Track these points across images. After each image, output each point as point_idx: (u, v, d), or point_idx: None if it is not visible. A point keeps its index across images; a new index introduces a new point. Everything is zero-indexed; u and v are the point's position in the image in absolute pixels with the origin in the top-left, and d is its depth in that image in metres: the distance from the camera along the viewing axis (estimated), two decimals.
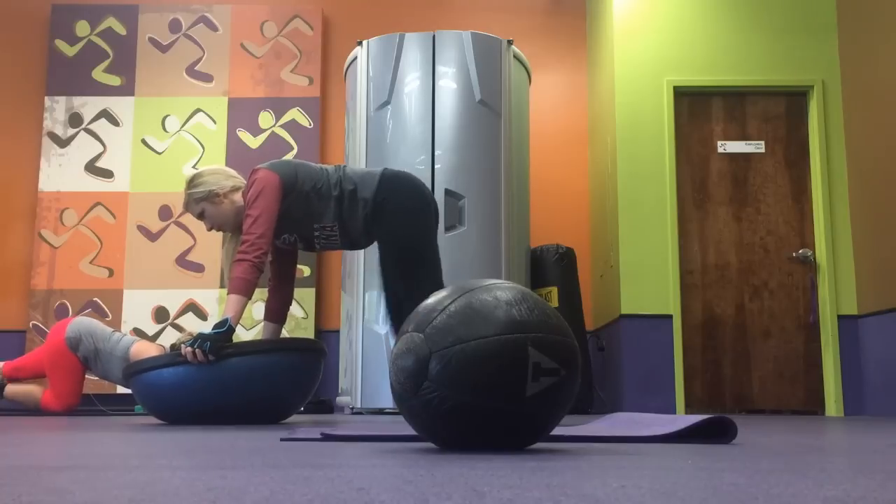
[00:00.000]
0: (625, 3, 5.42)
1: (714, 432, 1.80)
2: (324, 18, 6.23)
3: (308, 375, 2.97)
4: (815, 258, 5.19)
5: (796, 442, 1.81)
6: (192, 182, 3.14)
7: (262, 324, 3.33)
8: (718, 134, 5.36)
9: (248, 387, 2.81)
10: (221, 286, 5.78)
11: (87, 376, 4.36)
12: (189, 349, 2.78)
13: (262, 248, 2.95)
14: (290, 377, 2.90)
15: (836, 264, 5.15)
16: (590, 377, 5.24)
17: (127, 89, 6.03)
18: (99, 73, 6.04)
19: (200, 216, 3.17)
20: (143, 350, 4.13)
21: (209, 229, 3.19)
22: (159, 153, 5.96)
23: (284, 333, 3.87)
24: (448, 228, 4.61)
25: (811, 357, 5.12)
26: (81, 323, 4.25)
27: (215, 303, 5.76)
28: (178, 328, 5.72)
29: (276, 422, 2.99)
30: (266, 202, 2.99)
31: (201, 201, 3.14)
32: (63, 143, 5.96)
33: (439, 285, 3.10)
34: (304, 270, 5.81)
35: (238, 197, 3.15)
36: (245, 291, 2.90)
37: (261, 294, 5.79)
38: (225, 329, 2.83)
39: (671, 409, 4.98)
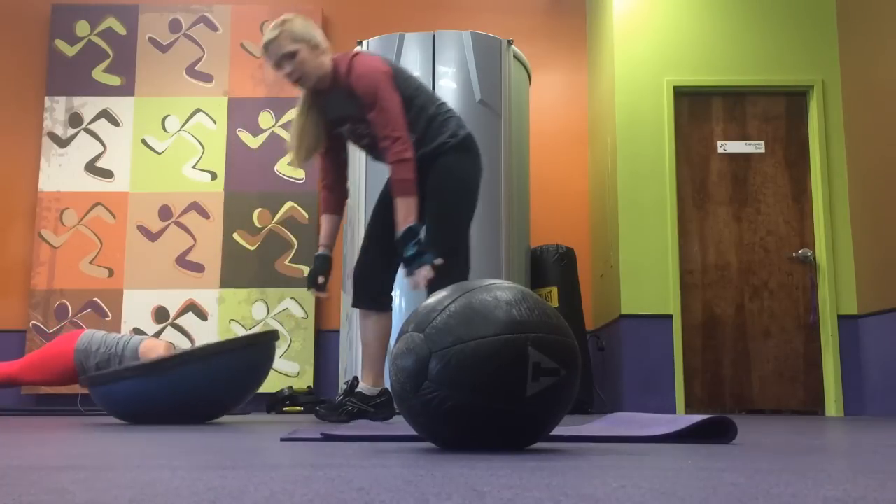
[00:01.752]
0: (625, 3, 5.42)
1: (714, 432, 1.80)
2: (324, 18, 6.23)
3: (253, 369, 3.05)
4: (815, 258, 5.19)
5: (796, 442, 1.81)
6: (291, 21, 2.96)
7: (323, 218, 3.29)
8: (718, 134, 5.36)
9: (199, 391, 2.89)
10: (221, 286, 5.79)
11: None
12: (418, 276, 2.76)
13: (410, 144, 2.89)
14: (234, 375, 2.97)
15: (836, 264, 5.15)
16: (590, 377, 5.24)
17: (127, 89, 6.03)
18: (99, 73, 6.04)
19: (288, 58, 2.94)
20: (152, 347, 4.16)
21: (290, 76, 2.96)
22: (159, 153, 5.96)
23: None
24: None
25: (811, 357, 5.12)
26: (91, 336, 4.26)
27: (215, 303, 5.76)
28: (178, 328, 5.73)
29: (225, 413, 3.11)
30: (394, 95, 2.91)
31: (300, 42, 2.94)
32: (63, 143, 5.96)
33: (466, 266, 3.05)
34: (304, 270, 5.81)
35: (328, 62, 3.00)
36: (415, 191, 2.86)
37: (261, 293, 5.79)
38: (420, 235, 2.84)
39: (671, 409, 4.98)
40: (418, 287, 2.78)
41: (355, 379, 3.24)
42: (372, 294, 3.12)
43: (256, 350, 3.00)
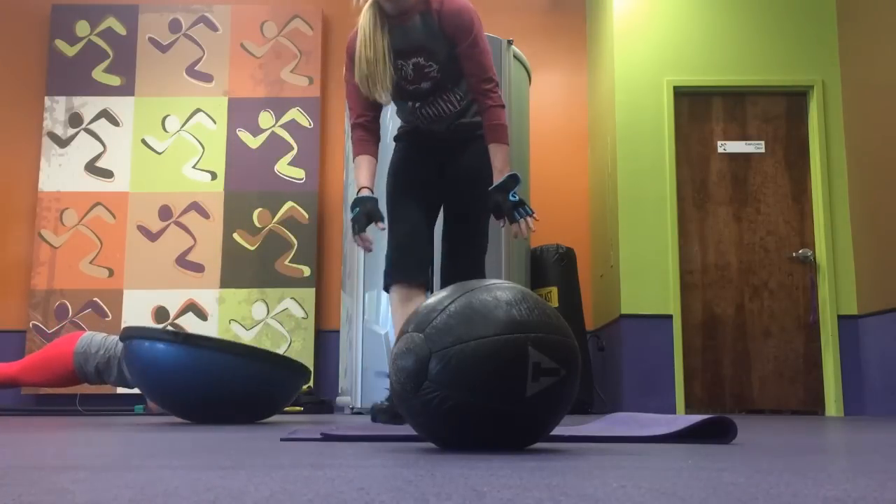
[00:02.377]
0: (625, 3, 5.42)
1: (714, 432, 1.80)
2: (324, 18, 6.22)
3: (284, 391, 3.04)
4: (815, 258, 5.19)
5: (796, 442, 1.81)
6: None
7: (362, 160, 2.87)
8: (718, 134, 5.36)
9: (232, 386, 2.85)
10: (221, 286, 5.79)
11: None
12: (522, 224, 2.64)
13: None
14: (272, 387, 2.97)
15: (836, 264, 5.15)
16: (590, 377, 5.24)
17: (127, 89, 6.03)
18: (99, 73, 6.04)
19: None
20: None
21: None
22: (159, 153, 5.96)
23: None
24: None
25: (811, 357, 5.12)
26: (91, 338, 4.26)
27: (215, 303, 5.76)
28: (178, 328, 5.72)
29: (252, 422, 3.06)
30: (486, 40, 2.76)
31: None
32: (63, 143, 5.96)
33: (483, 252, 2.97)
34: (304, 270, 5.81)
35: None
36: (508, 140, 2.76)
37: (261, 294, 5.79)
38: (520, 182, 2.70)
39: (671, 409, 4.98)
40: (520, 236, 2.65)
41: None
42: (422, 265, 2.84)
43: (290, 376, 3.00)
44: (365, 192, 2.83)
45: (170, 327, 5.73)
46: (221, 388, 2.85)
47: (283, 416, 4.48)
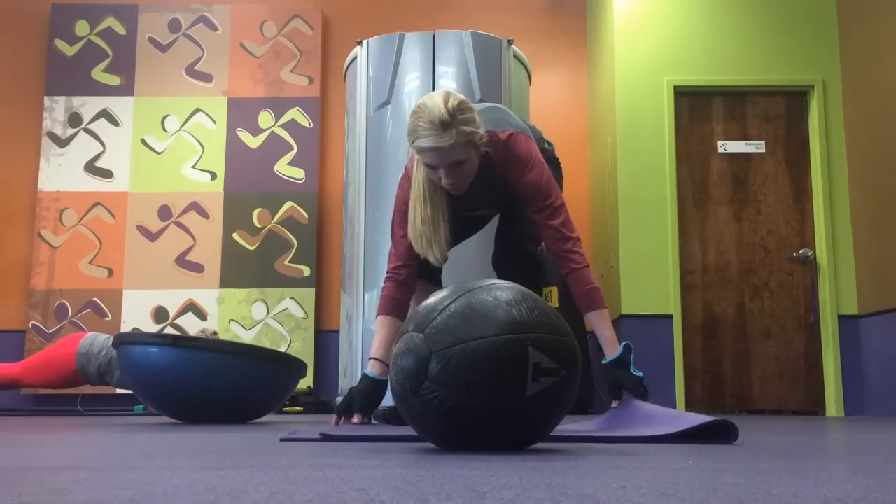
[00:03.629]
0: (625, 3, 5.42)
1: (715, 433, 1.80)
2: (324, 18, 6.22)
3: (279, 386, 3.02)
4: (815, 258, 5.19)
5: (796, 442, 1.81)
6: (465, 113, 2.24)
7: (384, 321, 2.48)
8: (719, 134, 5.36)
9: (231, 384, 2.85)
10: (221, 286, 5.78)
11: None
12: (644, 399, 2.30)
13: None
14: (266, 384, 2.96)
15: (837, 264, 5.15)
16: (590, 377, 5.24)
17: (126, 89, 6.03)
18: (98, 73, 6.04)
19: (456, 166, 2.28)
20: None
21: (450, 185, 2.32)
22: (159, 153, 5.96)
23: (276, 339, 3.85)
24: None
25: (811, 357, 5.12)
26: (94, 339, 4.26)
27: (215, 303, 5.76)
28: (178, 328, 5.72)
29: (244, 422, 3.07)
30: (551, 174, 2.48)
31: (473, 145, 2.28)
32: (62, 142, 5.96)
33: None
34: (304, 270, 5.81)
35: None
36: (604, 301, 2.46)
37: (260, 294, 5.79)
38: (632, 357, 2.39)
39: None
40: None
41: None
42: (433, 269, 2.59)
43: (286, 371, 3.00)
44: (374, 369, 2.41)
45: (170, 328, 5.73)
46: (216, 387, 2.85)
47: (283, 417, 4.48)
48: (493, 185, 2.46)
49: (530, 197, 2.42)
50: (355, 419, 2.38)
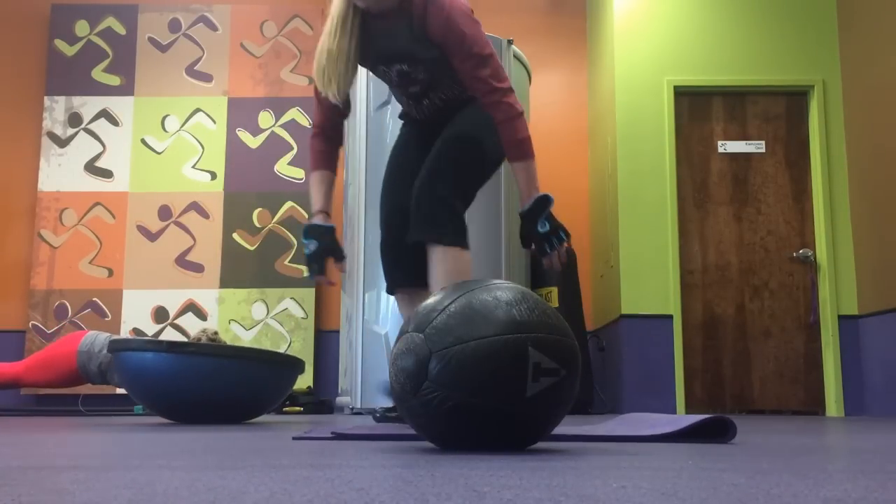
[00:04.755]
0: (625, 3, 5.42)
1: (714, 431, 1.80)
2: (324, 18, 6.21)
3: (276, 385, 3.04)
4: (815, 258, 5.19)
5: (797, 442, 1.81)
6: None
7: (317, 175, 2.53)
8: (719, 134, 5.36)
9: (224, 385, 2.87)
10: (221, 286, 5.78)
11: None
12: (554, 256, 2.28)
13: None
14: (261, 384, 2.97)
15: (837, 264, 5.15)
16: (590, 377, 5.24)
17: (126, 89, 6.03)
18: (98, 73, 6.04)
19: None
20: None
21: None
22: (159, 153, 5.96)
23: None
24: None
25: (812, 357, 5.12)
26: (94, 337, 4.26)
27: (215, 303, 5.76)
28: (178, 328, 5.72)
29: (239, 422, 3.09)
30: (486, 37, 2.33)
31: None
32: (62, 142, 5.96)
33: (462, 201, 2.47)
34: (304, 270, 5.81)
35: None
36: (533, 152, 2.33)
37: (260, 294, 5.78)
38: (551, 203, 2.31)
39: (671, 409, 4.98)
40: (554, 268, 2.33)
41: None
42: (407, 269, 2.53)
43: (282, 371, 3.01)
44: (319, 219, 2.48)
45: (170, 328, 5.73)
46: (212, 390, 2.88)
47: (283, 416, 4.48)
48: (414, 37, 2.35)
49: (452, 44, 2.29)
50: (338, 265, 2.46)
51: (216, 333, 4.08)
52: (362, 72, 4.93)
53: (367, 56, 2.44)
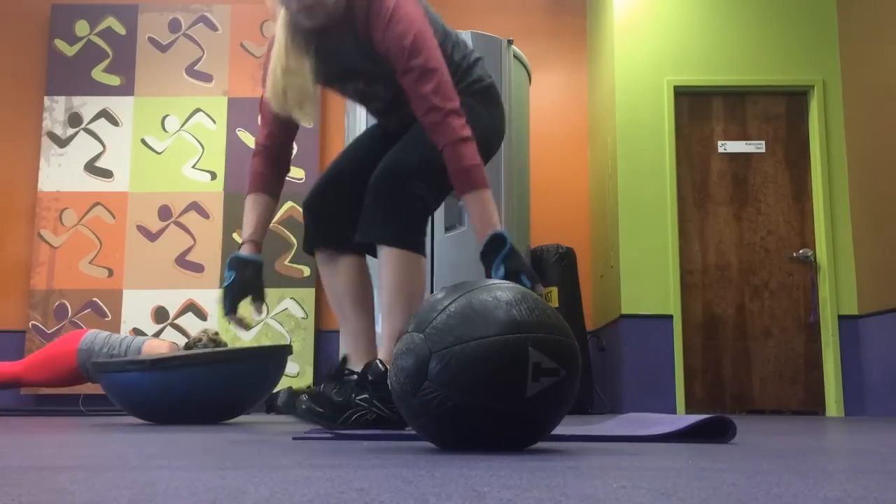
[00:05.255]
0: (625, 3, 5.42)
1: (714, 431, 1.80)
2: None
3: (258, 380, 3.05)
4: (815, 258, 5.19)
5: (797, 442, 1.81)
6: None
7: (253, 199, 2.32)
8: (719, 134, 5.36)
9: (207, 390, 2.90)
10: (221, 286, 5.78)
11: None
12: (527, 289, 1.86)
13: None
14: (237, 383, 2.99)
15: (837, 264, 5.15)
16: (590, 377, 5.24)
17: (126, 89, 6.03)
18: (98, 73, 6.04)
19: None
20: (154, 347, 4.17)
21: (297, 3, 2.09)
22: (159, 153, 5.96)
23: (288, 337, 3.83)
24: (448, 228, 4.61)
25: (812, 357, 5.12)
26: (95, 336, 4.26)
27: (215, 303, 5.76)
28: (178, 328, 5.72)
29: (231, 418, 3.13)
30: (438, 49, 2.09)
31: None
32: (62, 142, 5.96)
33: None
34: (304, 270, 5.81)
35: None
36: (487, 180, 2.03)
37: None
38: (507, 243, 1.98)
39: (671, 409, 4.98)
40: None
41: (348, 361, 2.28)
42: (339, 232, 2.32)
43: (265, 362, 3.02)
44: (246, 250, 2.27)
45: (170, 328, 5.73)
46: (201, 396, 2.92)
47: (283, 417, 4.47)
48: (362, 51, 2.16)
49: (393, 54, 2.06)
50: (255, 307, 2.24)
51: (217, 334, 4.09)
52: None
53: (320, 75, 2.22)
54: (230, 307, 2.21)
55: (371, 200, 2.13)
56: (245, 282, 2.22)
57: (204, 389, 2.90)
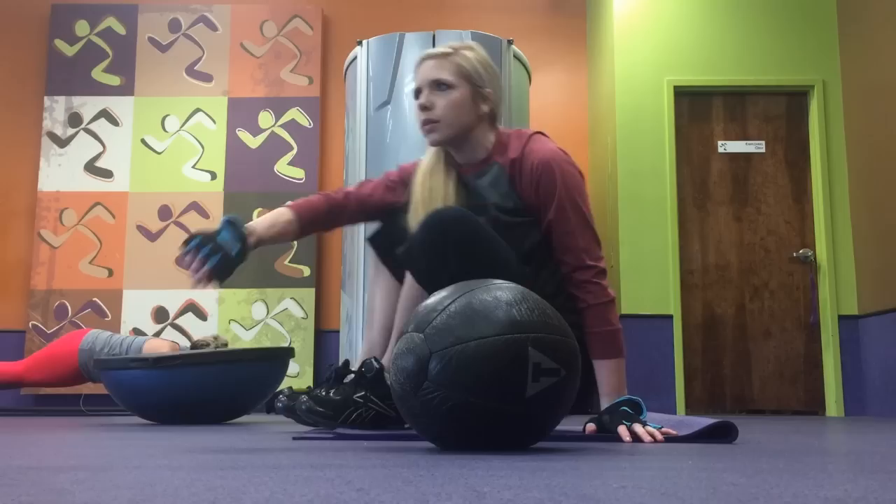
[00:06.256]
0: (625, 3, 5.42)
1: (715, 433, 1.80)
2: (324, 18, 6.22)
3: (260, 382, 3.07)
4: (815, 258, 5.19)
5: (797, 442, 1.81)
6: (473, 49, 2.16)
7: (285, 210, 2.27)
8: (719, 134, 5.36)
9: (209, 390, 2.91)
10: (221, 286, 5.78)
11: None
12: (636, 430, 1.73)
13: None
14: (239, 384, 3.00)
15: (837, 264, 5.15)
16: (590, 377, 5.24)
17: (126, 89, 6.03)
18: (98, 73, 6.04)
19: (437, 88, 2.07)
20: (155, 347, 4.17)
21: (423, 115, 2.07)
22: (159, 153, 5.96)
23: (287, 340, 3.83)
24: None
25: (812, 357, 5.12)
26: (96, 336, 4.26)
27: (215, 303, 5.76)
28: (178, 328, 5.72)
29: (232, 419, 3.15)
30: (589, 206, 2.07)
31: (466, 80, 2.09)
32: (62, 142, 5.96)
33: None
34: (304, 270, 5.81)
35: (490, 133, 2.12)
36: (624, 349, 2.01)
37: (260, 294, 5.78)
38: (642, 408, 1.87)
39: (671, 409, 4.98)
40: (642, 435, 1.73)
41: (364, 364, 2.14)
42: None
43: (268, 364, 3.03)
44: (251, 240, 2.25)
45: (170, 328, 5.73)
46: (204, 396, 2.92)
47: (283, 417, 4.47)
48: (501, 186, 2.07)
49: (545, 196, 2.01)
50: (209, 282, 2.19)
51: (226, 344, 4.13)
52: (362, 71, 4.93)
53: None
54: (220, 276, 2.24)
55: (435, 240, 1.91)
56: (239, 261, 2.25)
57: (206, 389, 2.90)
